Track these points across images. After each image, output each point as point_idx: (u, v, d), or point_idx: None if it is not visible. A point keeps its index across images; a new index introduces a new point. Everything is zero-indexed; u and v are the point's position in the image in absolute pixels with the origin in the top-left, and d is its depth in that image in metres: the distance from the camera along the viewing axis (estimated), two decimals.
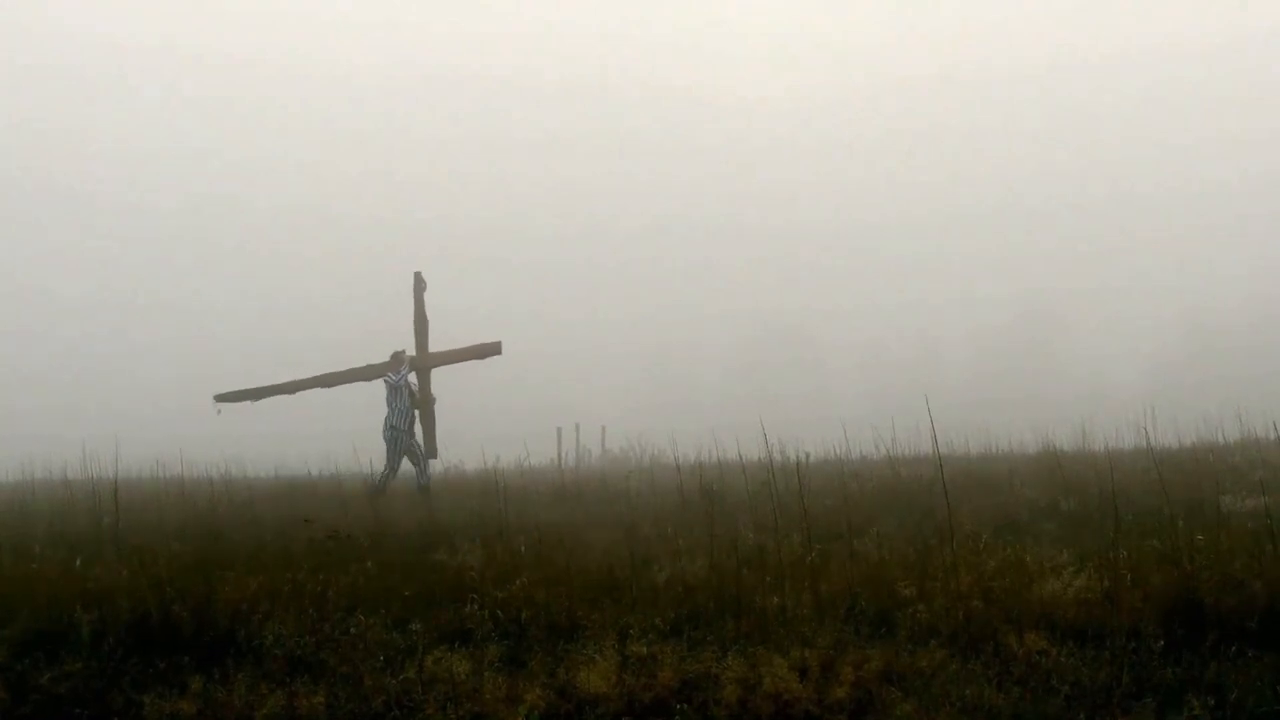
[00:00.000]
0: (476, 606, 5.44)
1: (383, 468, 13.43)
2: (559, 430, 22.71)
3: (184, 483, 12.94)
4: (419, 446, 13.70)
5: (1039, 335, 43.82)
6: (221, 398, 15.04)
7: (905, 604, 5.22)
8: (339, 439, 16.42)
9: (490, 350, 14.57)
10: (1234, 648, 4.43)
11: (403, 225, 58.43)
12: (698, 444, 14.37)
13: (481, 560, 6.72)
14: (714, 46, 73.99)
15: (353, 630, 5.08)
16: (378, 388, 14.03)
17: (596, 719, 4.22)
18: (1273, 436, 11.75)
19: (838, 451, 14.43)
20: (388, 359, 13.92)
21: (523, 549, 6.85)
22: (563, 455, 21.05)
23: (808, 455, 13.14)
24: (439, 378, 14.55)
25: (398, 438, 13.46)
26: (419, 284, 14.63)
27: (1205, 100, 54.93)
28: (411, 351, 14.28)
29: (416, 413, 13.85)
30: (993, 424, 15.99)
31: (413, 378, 13.93)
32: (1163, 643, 4.48)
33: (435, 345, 14.54)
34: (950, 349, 43.44)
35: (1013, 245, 50.30)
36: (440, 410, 14.41)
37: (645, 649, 4.68)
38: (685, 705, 4.22)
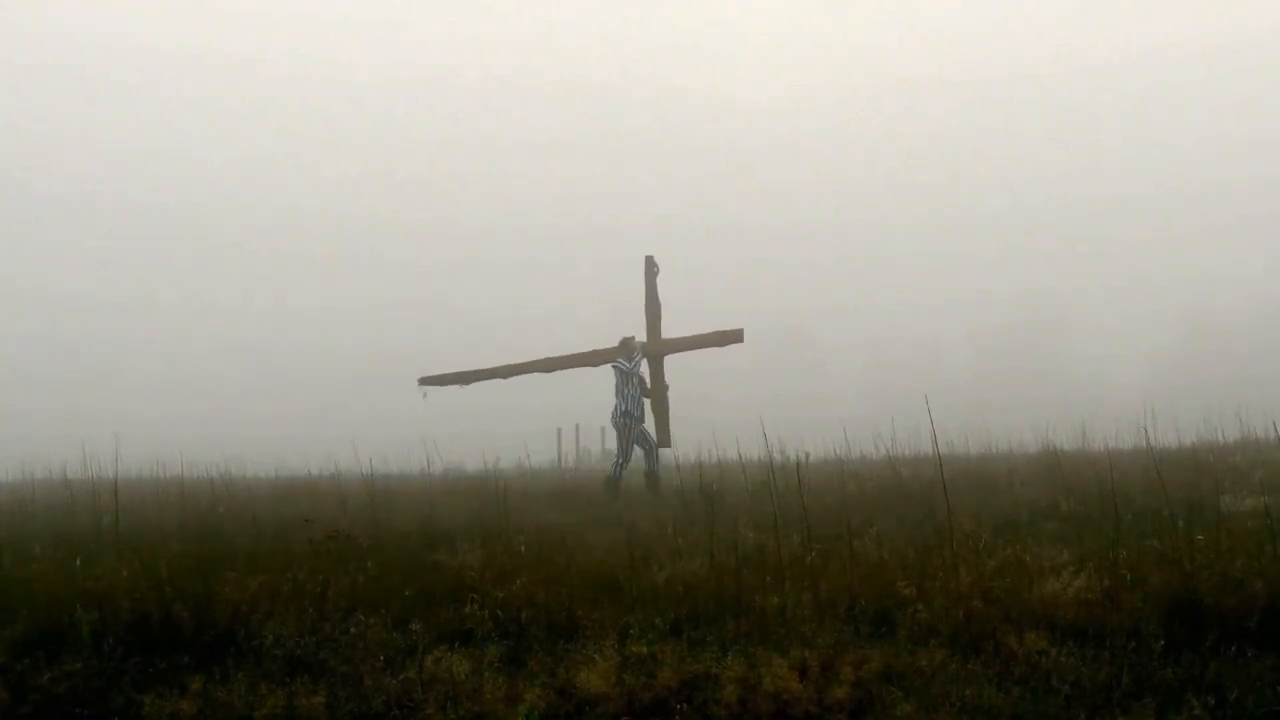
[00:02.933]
0: (476, 606, 5.44)
1: (615, 457, 13.21)
2: (559, 430, 22.72)
3: (184, 483, 12.92)
4: (649, 435, 13.33)
5: (1039, 335, 43.82)
6: (426, 381, 14.40)
7: (905, 604, 5.22)
8: (339, 439, 16.40)
9: (731, 338, 13.77)
10: (1234, 648, 4.43)
11: (402, 225, 58.48)
12: (697, 444, 14.37)
13: (481, 560, 6.72)
14: (714, 47, 73.99)
15: (353, 630, 5.08)
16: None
17: (596, 719, 4.22)
18: (1273, 436, 11.75)
19: (838, 451, 14.44)
20: (616, 344, 13.53)
21: (523, 549, 6.85)
22: (563, 455, 21.05)
23: (808, 455, 13.13)
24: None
25: (631, 425, 13.12)
26: (651, 268, 13.99)
27: (1205, 101, 54.94)
28: (642, 338, 13.76)
29: (647, 401, 13.48)
30: (993, 424, 15.99)
31: (643, 365, 13.51)
32: (1163, 642, 4.48)
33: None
34: (950, 349, 43.44)
35: (1013, 245, 50.33)
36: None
37: (645, 649, 4.68)
38: (685, 705, 4.21)
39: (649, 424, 13.47)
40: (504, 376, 14.37)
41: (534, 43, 71.16)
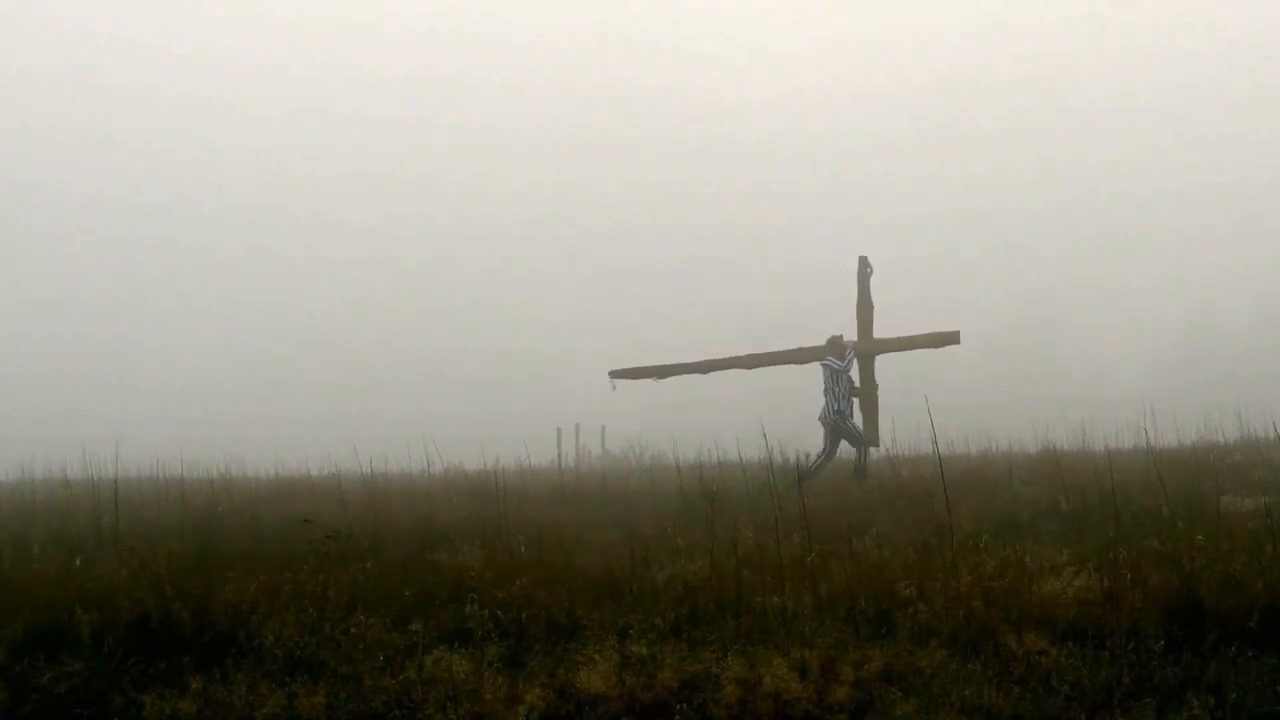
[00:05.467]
0: (476, 606, 5.43)
1: (818, 453, 13.12)
2: (559, 430, 22.71)
3: (184, 483, 12.92)
4: (859, 432, 13.35)
5: (1039, 336, 43.76)
6: (617, 374, 14.47)
7: (905, 604, 5.22)
8: (339, 440, 16.38)
9: (947, 339, 13.79)
10: (1234, 648, 4.43)
11: (404, 227, 58.51)
12: (698, 444, 14.37)
13: (481, 560, 6.72)
14: (715, 48, 74.05)
15: (353, 630, 5.08)
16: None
17: (597, 719, 4.22)
18: (1273, 436, 11.75)
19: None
20: (823, 343, 13.53)
21: (522, 549, 6.85)
22: (562, 455, 21.04)
23: (808, 455, 13.15)
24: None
25: (840, 424, 13.11)
26: (864, 268, 14.02)
27: (1207, 101, 54.97)
28: (851, 337, 13.74)
29: (855, 400, 13.48)
30: (993, 424, 15.98)
31: (854, 364, 13.49)
32: (1162, 643, 4.48)
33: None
34: (950, 349, 43.32)
35: (1013, 245, 50.32)
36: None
37: (645, 649, 4.68)
38: (685, 705, 4.22)
39: (858, 421, 13.47)
40: (702, 372, 14.40)
41: (536, 45, 71.23)
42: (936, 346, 13.94)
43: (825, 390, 13.26)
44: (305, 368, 47.77)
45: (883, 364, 14.45)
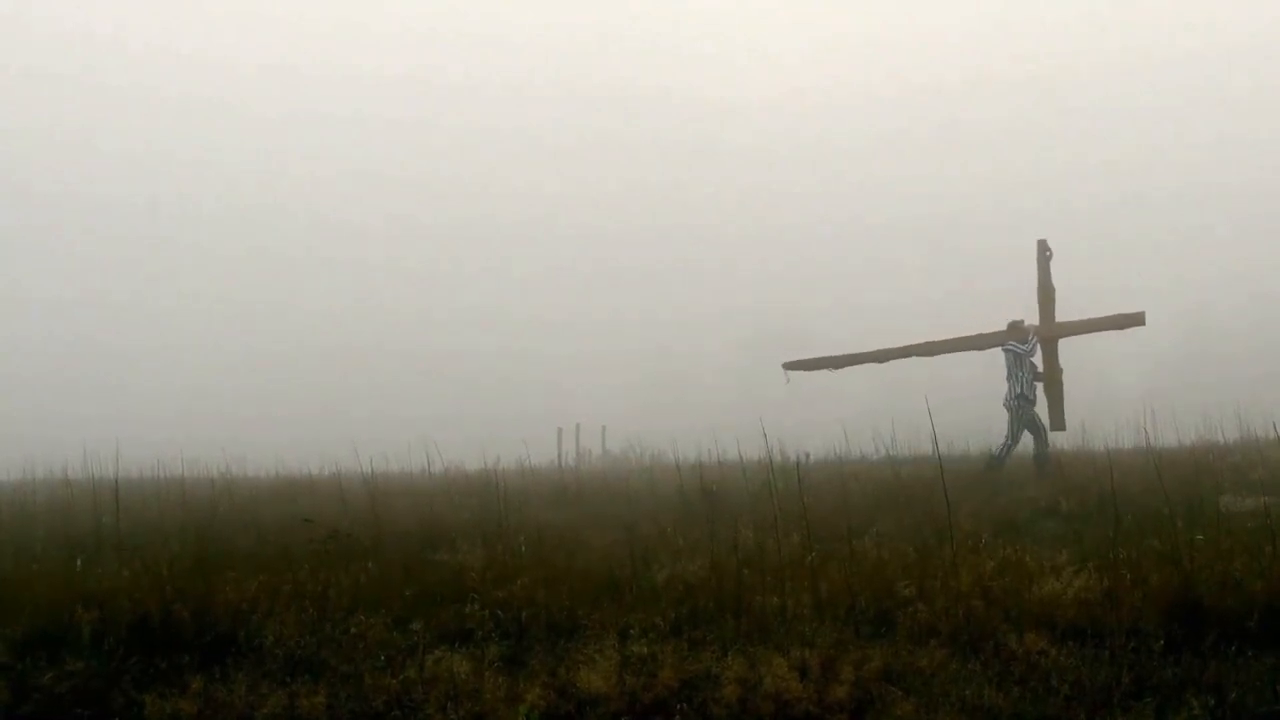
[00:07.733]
0: (477, 606, 5.44)
1: (1003, 440, 12.97)
2: (559, 430, 22.74)
3: (184, 483, 12.92)
4: (1040, 419, 13.18)
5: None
6: (791, 365, 14.34)
7: (905, 604, 5.22)
8: (340, 440, 16.38)
9: (1132, 321, 13.54)
10: (1234, 647, 4.44)
11: (404, 227, 58.48)
12: (698, 444, 14.36)
13: (482, 560, 6.72)
14: (715, 48, 74.01)
15: (353, 630, 5.09)
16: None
17: (597, 719, 4.23)
18: (1273, 436, 11.75)
19: (838, 451, 14.47)
20: (1003, 328, 13.48)
21: (523, 549, 6.85)
22: (563, 455, 21.06)
23: (808, 455, 13.15)
24: None
25: (1023, 408, 12.99)
26: (1043, 252, 14.01)
27: (1206, 102, 54.96)
28: (1032, 321, 13.64)
29: (1039, 385, 13.36)
30: (992, 424, 15.97)
31: (1037, 348, 13.41)
32: (1162, 642, 4.48)
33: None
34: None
35: (1012, 245, 50.28)
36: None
37: (645, 648, 4.68)
38: (685, 705, 4.22)
39: (1040, 408, 13.35)
40: (879, 361, 14.32)
41: (536, 45, 71.21)
42: (1120, 328, 13.72)
43: (1008, 375, 13.15)
44: (305, 368, 47.77)
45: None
